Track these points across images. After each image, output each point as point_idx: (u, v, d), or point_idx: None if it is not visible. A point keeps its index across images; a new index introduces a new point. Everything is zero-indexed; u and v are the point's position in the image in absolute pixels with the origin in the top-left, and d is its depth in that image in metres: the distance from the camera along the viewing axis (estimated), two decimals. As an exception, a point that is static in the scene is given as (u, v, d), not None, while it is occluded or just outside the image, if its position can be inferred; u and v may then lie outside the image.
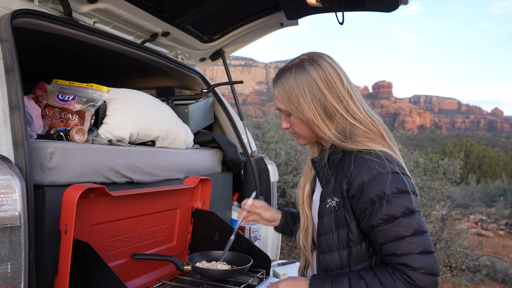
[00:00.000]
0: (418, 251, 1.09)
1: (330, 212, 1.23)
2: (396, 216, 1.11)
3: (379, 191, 1.12)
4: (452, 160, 5.27)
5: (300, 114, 1.24)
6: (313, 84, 1.21)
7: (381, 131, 1.24)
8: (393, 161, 1.17)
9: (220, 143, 2.56)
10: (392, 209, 1.11)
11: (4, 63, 1.30)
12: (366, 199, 1.13)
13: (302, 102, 1.22)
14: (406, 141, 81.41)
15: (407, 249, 1.09)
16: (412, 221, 1.11)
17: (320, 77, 1.22)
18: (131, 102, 1.98)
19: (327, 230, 1.24)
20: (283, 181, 5.46)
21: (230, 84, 2.87)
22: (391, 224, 1.11)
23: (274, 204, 2.82)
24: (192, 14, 2.33)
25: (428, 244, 1.10)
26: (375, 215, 1.12)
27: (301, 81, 1.23)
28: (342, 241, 1.21)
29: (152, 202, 1.71)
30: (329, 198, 1.23)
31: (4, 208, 1.10)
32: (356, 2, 2.13)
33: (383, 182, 1.12)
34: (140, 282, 1.65)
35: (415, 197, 1.16)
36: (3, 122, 1.23)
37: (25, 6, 1.62)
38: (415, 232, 1.10)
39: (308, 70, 1.23)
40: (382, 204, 1.12)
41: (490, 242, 6.63)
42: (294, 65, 1.26)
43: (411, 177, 1.22)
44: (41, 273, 1.34)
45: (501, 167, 19.10)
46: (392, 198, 1.11)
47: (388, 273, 1.12)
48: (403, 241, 1.10)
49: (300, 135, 1.31)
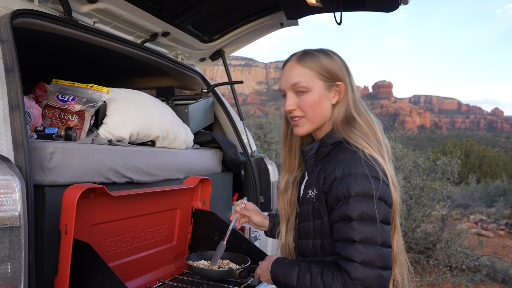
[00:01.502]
0: (360, 260, 1.07)
1: (309, 202, 1.25)
2: (352, 218, 1.10)
3: (345, 189, 1.12)
4: (450, 158, 5.26)
5: (323, 88, 1.25)
6: (339, 65, 1.27)
7: (377, 132, 1.25)
8: (376, 166, 1.15)
9: (220, 143, 2.56)
10: (350, 209, 1.10)
11: (4, 63, 1.30)
12: (334, 195, 1.14)
13: (339, 75, 1.26)
14: (406, 141, 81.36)
15: (350, 254, 1.08)
16: (366, 228, 1.09)
17: (343, 65, 1.29)
18: (131, 102, 1.98)
19: (305, 218, 1.27)
20: (283, 181, 5.45)
21: (230, 84, 2.87)
22: (345, 224, 1.11)
23: (274, 204, 2.82)
24: (192, 14, 2.33)
25: (375, 257, 1.07)
26: (336, 212, 1.13)
27: (328, 60, 1.27)
28: (316, 231, 1.23)
29: (152, 202, 1.71)
30: (310, 189, 1.26)
31: (4, 208, 1.10)
32: (356, 2, 2.13)
33: (352, 181, 1.11)
34: (140, 282, 1.65)
35: (386, 206, 1.13)
36: (3, 122, 1.23)
37: (25, 6, 1.62)
38: (365, 240, 1.08)
39: (332, 56, 1.28)
40: (344, 203, 1.12)
41: (490, 242, 6.63)
42: (318, 50, 1.30)
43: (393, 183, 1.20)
44: (41, 273, 1.34)
45: (501, 167, 19.10)
46: (354, 199, 1.10)
47: (332, 273, 1.13)
48: (350, 245, 1.09)
49: (312, 117, 1.27)
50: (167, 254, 1.85)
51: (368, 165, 1.14)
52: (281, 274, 1.23)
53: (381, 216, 1.11)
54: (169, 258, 1.86)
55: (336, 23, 2.12)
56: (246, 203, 1.60)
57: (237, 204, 1.60)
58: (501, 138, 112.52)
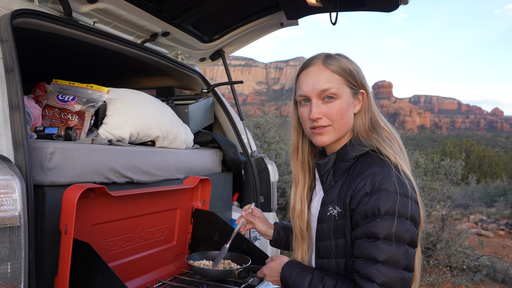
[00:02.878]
0: (380, 281, 1.02)
1: (330, 220, 1.19)
2: (378, 237, 1.05)
3: (375, 206, 1.06)
4: (454, 161, 5.27)
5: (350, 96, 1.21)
6: (360, 71, 1.24)
7: (399, 140, 1.21)
8: (407, 182, 1.10)
9: (220, 143, 2.56)
10: (377, 227, 1.05)
11: (4, 63, 1.30)
12: (361, 211, 1.09)
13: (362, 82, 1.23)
14: (406, 141, 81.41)
15: (370, 274, 1.04)
16: (391, 249, 1.04)
17: (362, 72, 1.26)
18: (131, 102, 1.98)
19: (326, 237, 1.21)
20: (283, 181, 5.46)
21: (230, 84, 2.87)
22: (370, 242, 1.06)
23: (274, 204, 2.82)
24: (192, 14, 2.33)
25: (395, 281, 1.02)
26: (362, 228, 1.08)
27: (352, 66, 1.23)
28: (340, 251, 1.17)
29: (152, 202, 1.71)
30: (331, 206, 1.19)
31: (4, 208, 1.10)
32: (355, 2, 2.13)
33: (383, 198, 1.06)
34: (140, 282, 1.65)
35: (414, 228, 1.07)
36: (3, 122, 1.23)
37: (25, 6, 1.62)
38: (389, 262, 1.03)
39: (352, 61, 1.25)
40: (371, 220, 1.07)
41: (490, 242, 6.63)
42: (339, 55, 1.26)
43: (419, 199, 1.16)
44: (41, 273, 1.34)
45: (501, 167, 19.09)
46: (383, 218, 1.05)
47: (346, 287, 1.09)
48: (372, 264, 1.05)
49: (339, 126, 1.20)
50: (167, 254, 1.85)
51: (400, 181, 1.08)
52: (292, 279, 1.19)
53: (408, 238, 1.06)
54: (169, 258, 1.86)
55: (331, 23, 2.12)
56: (253, 208, 1.58)
57: (244, 209, 1.57)
58: (501, 138, 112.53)
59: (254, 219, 1.55)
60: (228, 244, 1.59)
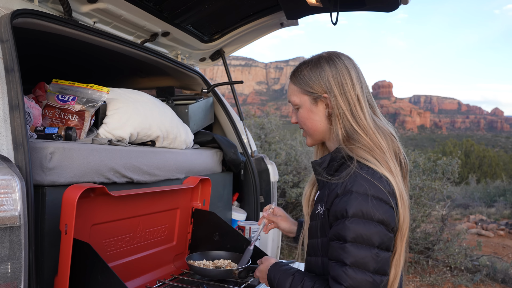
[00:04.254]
0: (347, 284, 1.02)
1: (318, 218, 1.21)
2: (346, 239, 1.05)
3: (343, 208, 1.07)
4: (450, 159, 5.26)
5: (309, 103, 1.26)
6: (326, 80, 1.23)
7: (382, 147, 1.16)
8: (381, 185, 1.08)
9: (220, 143, 2.56)
10: (345, 230, 1.05)
11: (4, 63, 1.30)
12: (333, 213, 1.11)
13: (318, 88, 1.23)
14: (406, 141, 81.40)
15: (338, 277, 1.04)
16: (359, 252, 1.03)
17: (332, 75, 1.22)
18: (131, 102, 1.98)
19: (313, 235, 1.23)
20: (283, 181, 5.46)
21: (230, 84, 2.87)
22: (339, 245, 1.07)
23: (274, 204, 2.82)
24: (192, 14, 2.33)
25: (363, 284, 1.02)
26: (333, 230, 1.10)
27: (314, 71, 1.25)
28: (325, 248, 1.18)
29: (152, 202, 1.71)
30: (319, 204, 1.21)
31: (4, 208, 1.10)
32: (356, 2, 2.13)
33: (351, 200, 1.06)
34: (140, 282, 1.65)
35: (386, 232, 1.06)
36: (3, 122, 1.23)
37: (25, 6, 1.62)
38: (356, 265, 1.03)
39: (323, 66, 1.24)
40: (340, 222, 1.07)
41: (490, 242, 6.62)
42: (312, 60, 1.29)
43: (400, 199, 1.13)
44: (41, 273, 1.34)
45: (501, 167, 19.09)
46: (351, 220, 1.05)
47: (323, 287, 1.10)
48: (340, 266, 1.05)
49: (308, 131, 1.30)
50: (167, 254, 1.85)
51: (372, 184, 1.08)
52: (276, 280, 1.23)
53: (377, 242, 1.05)
54: (169, 258, 1.86)
55: (332, 23, 2.12)
56: (274, 208, 1.58)
57: (265, 209, 1.56)
58: (501, 138, 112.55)
59: (277, 219, 1.55)
60: (252, 246, 1.59)
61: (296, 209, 5.58)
